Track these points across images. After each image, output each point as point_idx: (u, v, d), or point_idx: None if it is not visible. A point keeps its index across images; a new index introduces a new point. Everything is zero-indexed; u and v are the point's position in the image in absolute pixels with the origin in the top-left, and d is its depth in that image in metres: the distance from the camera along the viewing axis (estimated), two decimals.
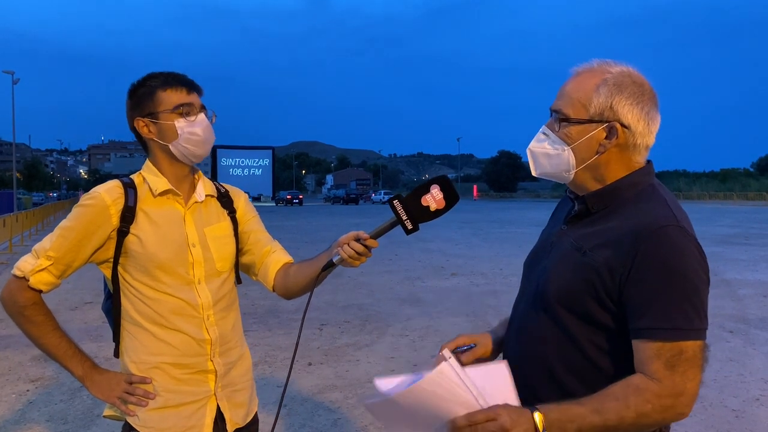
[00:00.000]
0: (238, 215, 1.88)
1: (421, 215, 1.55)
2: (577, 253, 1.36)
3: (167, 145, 1.71)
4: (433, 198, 1.55)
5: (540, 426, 1.20)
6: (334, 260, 1.66)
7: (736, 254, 13.64)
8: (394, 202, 1.55)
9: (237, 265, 1.88)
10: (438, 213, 1.56)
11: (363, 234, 1.63)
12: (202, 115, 1.73)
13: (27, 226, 20.02)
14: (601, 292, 1.30)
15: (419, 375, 1.24)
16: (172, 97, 1.69)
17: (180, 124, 1.69)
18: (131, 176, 1.77)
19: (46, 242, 1.68)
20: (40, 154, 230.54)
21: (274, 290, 1.89)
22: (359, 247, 1.61)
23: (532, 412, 1.22)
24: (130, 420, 1.71)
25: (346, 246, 1.63)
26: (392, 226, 1.59)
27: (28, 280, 1.66)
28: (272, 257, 1.89)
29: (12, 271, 1.69)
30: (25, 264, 1.67)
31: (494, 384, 1.26)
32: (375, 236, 1.62)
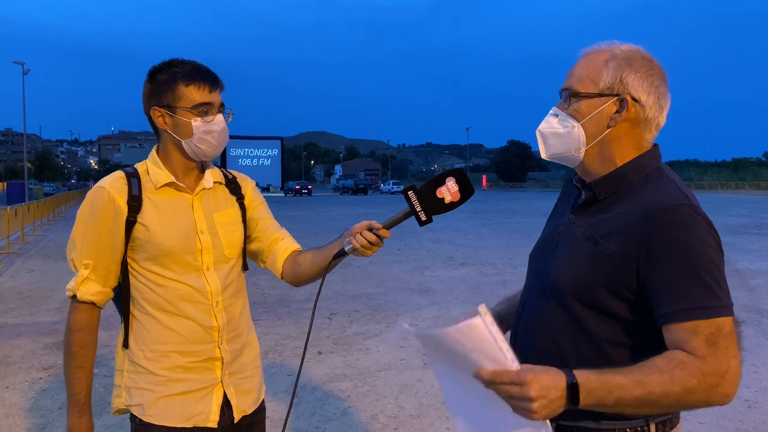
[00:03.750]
0: (246, 201, 1.86)
1: (435, 207, 1.54)
2: (588, 242, 1.33)
3: (180, 140, 1.69)
4: (449, 190, 1.54)
5: (580, 397, 1.15)
6: (345, 249, 1.65)
7: (748, 244, 13.53)
8: (409, 192, 1.54)
9: (244, 252, 1.87)
10: (452, 205, 1.55)
11: (375, 224, 1.62)
12: (219, 117, 1.70)
13: (38, 216, 20.16)
14: (616, 280, 1.27)
15: (448, 324, 1.20)
16: (193, 94, 1.66)
17: (197, 123, 1.66)
18: (135, 165, 1.76)
19: (76, 254, 1.68)
20: (50, 144, 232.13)
21: (282, 277, 1.88)
22: (372, 237, 1.61)
23: (568, 381, 1.15)
24: (134, 410, 1.70)
25: (358, 235, 1.62)
26: (406, 216, 1.58)
27: (76, 295, 1.66)
28: (281, 245, 1.88)
29: (66, 294, 1.71)
30: (71, 282, 1.68)
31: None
32: (388, 226, 1.61)
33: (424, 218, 1.54)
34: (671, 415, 1.34)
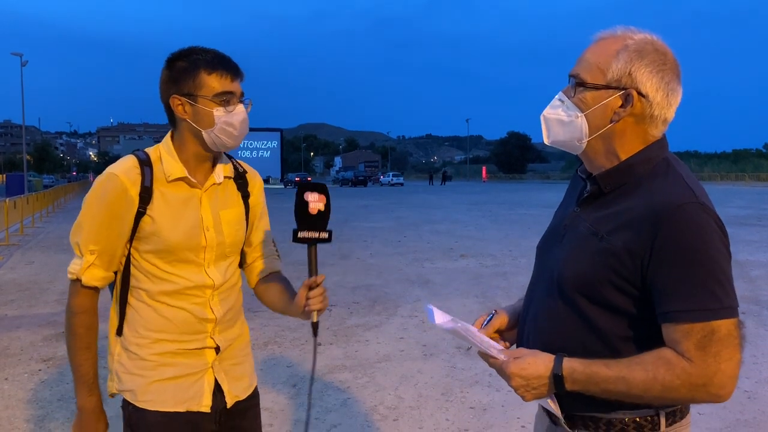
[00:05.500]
0: (251, 201, 1.84)
1: (321, 222, 1.62)
2: (594, 238, 1.31)
3: (200, 130, 1.64)
4: (315, 201, 1.62)
5: (565, 385, 1.27)
6: (314, 320, 1.69)
7: (748, 235, 13.52)
8: (299, 235, 1.61)
9: (243, 248, 1.87)
10: (327, 208, 1.63)
11: (311, 280, 1.64)
12: (241, 106, 1.67)
13: (38, 208, 20.15)
14: (621, 277, 1.26)
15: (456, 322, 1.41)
16: (215, 82, 1.62)
17: (218, 113, 1.63)
18: (148, 151, 1.71)
19: (81, 237, 1.65)
20: (50, 136, 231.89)
21: (253, 290, 1.92)
22: (319, 290, 1.64)
23: (553, 371, 1.27)
24: (127, 396, 1.70)
25: (312, 300, 1.64)
26: (314, 249, 1.64)
27: (81, 280, 1.65)
28: (260, 262, 1.89)
29: (67, 277, 1.70)
30: (74, 266, 1.66)
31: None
32: (316, 271, 1.65)
33: (325, 236, 1.63)
34: (681, 406, 1.33)
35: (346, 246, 12.13)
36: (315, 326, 1.69)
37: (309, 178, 63.70)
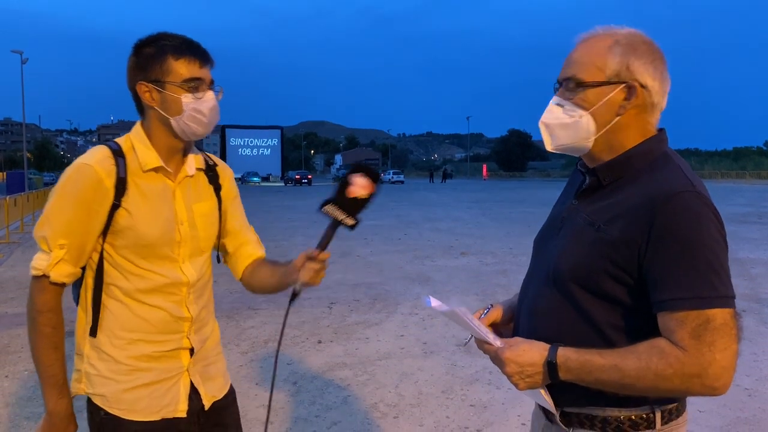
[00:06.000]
0: (222, 193, 1.80)
1: (355, 207, 1.55)
2: (591, 228, 1.32)
3: (168, 118, 1.60)
4: (360, 186, 1.54)
5: (559, 374, 1.27)
6: (297, 289, 1.63)
7: (749, 233, 13.52)
8: (325, 207, 1.55)
9: (218, 244, 1.84)
10: (368, 199, 1.56)
11: (313, 252, 1.60)
12: (210, 93, 1.62)
13: (38, 206, 20.15)
14: (617, 266, 1.26)
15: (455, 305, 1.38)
16: (183, 68, 1.58)
17: (186, 99, 1.58)
18: (118, 141, 1.64)
19: (49, 231, 1.57)
20: (50, 134, 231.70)
21: (240, 281, 1.88)
22: (316, 265, 1.59)
23: (547, 359, 1.28)
24: (97, 400, 1.64)
25: (304, 270, 1.60)
26: (334, 229, 1.58)
27: (49, 277, 1.57)
28: (245, 249, 1.85)
29: (30, 273, 1.60)
30: (40, 261, 1.57)
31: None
32: (323, 247, 1.60)
33: (351, 222, 1.56)
34: (677, 403, 1.34)
35: (347, 243, 12.12)
36: (295, 295, 1.64)
37: (309, 176, 63.63)
